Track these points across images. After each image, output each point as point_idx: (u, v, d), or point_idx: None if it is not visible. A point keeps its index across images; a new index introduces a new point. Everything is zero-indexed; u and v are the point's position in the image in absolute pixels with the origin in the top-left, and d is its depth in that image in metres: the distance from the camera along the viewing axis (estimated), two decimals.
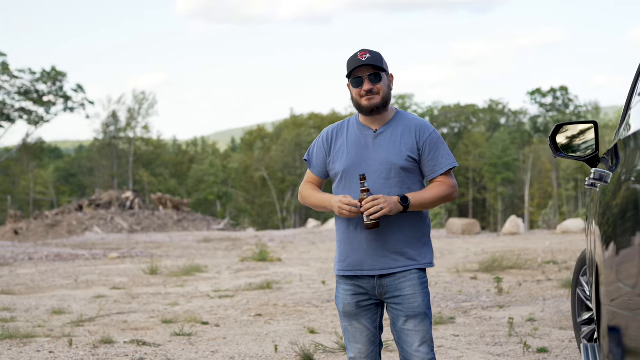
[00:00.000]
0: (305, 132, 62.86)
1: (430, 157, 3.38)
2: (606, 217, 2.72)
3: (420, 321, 3.35)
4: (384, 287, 3.38)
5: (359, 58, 3.34)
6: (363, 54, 3.35)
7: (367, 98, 3.35)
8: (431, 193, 3.34)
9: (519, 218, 23.49)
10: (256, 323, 7.42)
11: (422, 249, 3.42)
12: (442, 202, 3.36)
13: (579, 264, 5.05)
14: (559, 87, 72.29)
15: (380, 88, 3.36)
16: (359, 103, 3.38)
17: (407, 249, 3.38)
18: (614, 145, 3.29)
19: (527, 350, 5.75)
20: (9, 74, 49.78)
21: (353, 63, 3.35)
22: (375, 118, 3.42)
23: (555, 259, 12.87)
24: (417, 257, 3.39)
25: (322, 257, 14.99)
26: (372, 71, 3.34)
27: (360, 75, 3.35)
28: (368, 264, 3.38)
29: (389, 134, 3.39)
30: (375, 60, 3.34)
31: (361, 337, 3.46)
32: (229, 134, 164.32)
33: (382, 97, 3.36)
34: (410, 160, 3.36)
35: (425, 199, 3.31)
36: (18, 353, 6.01)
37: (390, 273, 3.37)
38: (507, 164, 65.29)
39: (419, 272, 3.39)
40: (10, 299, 9.39)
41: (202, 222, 31.90)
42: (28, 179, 60.00)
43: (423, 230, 3.44)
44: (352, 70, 3.35)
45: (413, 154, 3.36)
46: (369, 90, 3.34)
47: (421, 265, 3.40)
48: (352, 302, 3.43)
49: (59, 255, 16.16)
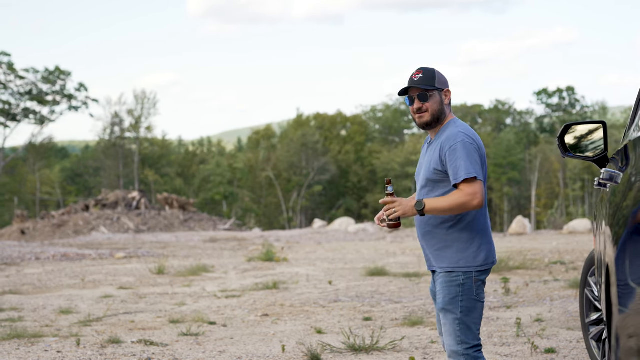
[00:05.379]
0: (311, 132, 62.81)
1: (449, 168, 3.55)
2: (617, 218, 2.71)
3: (443, 315, 3.64)
4: (435, 282, 3.74)
5: (412, 78, 3.65)
6: (417, 73, 3.65)
7: (418, 116, 3.67)
8: (446, 200, 3.50)
9: (525, 218, 23.44)
10: (263, 323, 7.42)
11: (445, 252, 3.64)
12: (459, 209, 3.48)
13: (587, 264, 5.04)
14: (566, 87, 72.12)
15: (429, 107, 3.62)
16: (414, 119, 3.72)
17: (440, 252, 3.66)
18: (623, 146, 3.28)
19: (535, 350, 5.74)
20: (15, 74, 49.89)
21: (407, 83, 3.67)
22: (431, 130, 3.73)
23: (563, 259, 12.84)
24: (443, 261, 3.65)
25: (328, 257, 14.99)
26: (421, 91, 3.62)
27: (412, 94, 3.65)
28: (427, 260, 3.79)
29: (433, 145, 3.68)
30: (425, 80, 3.62)
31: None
32: (236, 134, 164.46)
33: (431, 115, 3.64)
34: (437, 172, 3.60)
35: (439, 205, 3.49)
36: (26, 352, 6.02)
37: (432, 270, 3.74)
38: (513, 164, 65.15)
39: (447, 273, 3.63)
40: (17, 299, 9.41)
41: (209, 222, 31.91)
42: (34, 179, 60.12)
43: (453, 235, 3.63)
44: (406, 89, 3.66)
45: (438, 167, 3.60)
46: (418, 109, 3.64)
47: (440, 268, 3.66)
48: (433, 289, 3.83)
49: (66, 255, 16.19)
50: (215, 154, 73.21)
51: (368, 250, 16.73)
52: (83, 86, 52.33)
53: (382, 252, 16.02)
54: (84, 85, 52.34)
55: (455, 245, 3.61)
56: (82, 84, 52.30)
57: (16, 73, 50.03)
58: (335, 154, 63.14)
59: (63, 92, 51.80)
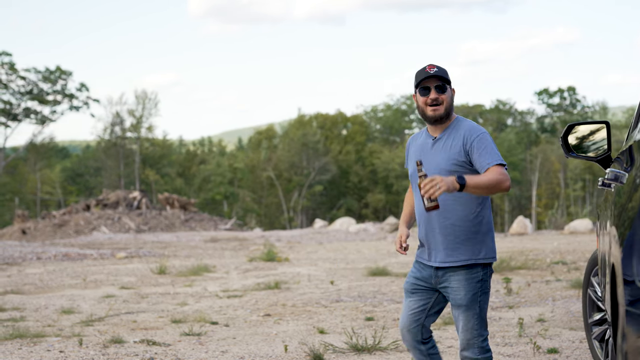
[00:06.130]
0: (312, 132, 62.79)
1: (478, 155, 3.59)
2: (622, 219, 2.71)
3: (462, 312, 3.71)
4: (439, 278, 3.75)
5: (428, 70, 3.67)
6: (431, 67, 3.68)
7: (432, 109, 3.67)
8: (486, 176, 3.49)
9: (526, 218, 23.44)
10: (265, 323, 7.43)
11: (467, 245, 3.68)
12: (496, 188, 3.48)
13: (590, 264, 5.04)
14: (567, 87, 72.12)
15: (444, 99, 3.68)
16: (425, 112, 3.71)
17: (461, 244, 3.69)
18: (628, 146, 3.28)
19: (537, 350, 5.74)
20: (16, 73, 49.89)
21: (422, 74, 3.68)
22: (438, 126, 3.74)
23: (564, 259, 12.84)
24: (461, 255, 3.69)
25: (330, 257, 14.99)
26: (439, 82, 3.66)
27: (428, 85, 3.67)
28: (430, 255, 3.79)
29: (444, 140, 3.70)
30: (442, 72, 3.66)
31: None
32: (236, 134, 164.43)
33: (445, 108, 3.68)
34: (459, 163, 3.64)
35: (480, 181, 3.44)
36: (28, 352, 6.03)
37: (442, 267, 3.74)
38: (514, 164, 65.14)
39: (467, 268, 3.68)
40: (19, 299, 9.42)
41: (209, 222, 31.92)
42: (35, 179, 60.12)
43: (475, 228, 3.69)
44: (420, 80, 3.67)
45: (461, 158, 3.63)
46: (434, 100, 3.66)
47: (460, 262, 3.68)
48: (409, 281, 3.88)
49: (67, 254, 16.20)
50: (215, 154, 73.19)
51: (369, 250, 16.73)
52: (84, 86, 52.34)
53: (384, 252, 16.02)
54: (85, 85, 52.36)
55: (476, 237, 3.68)
56: (83, 84, 52.31)
57: (17, 73, 50.05)
58: (336, 154, 63.14)
59: (64, 91, 51.81)
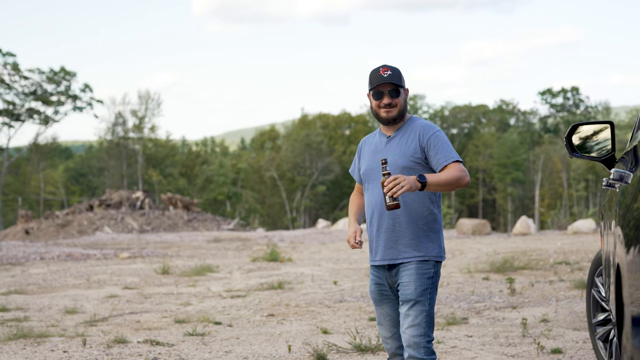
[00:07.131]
0: (315, 132, 62.77)
1: (435, 153, 3.70)
2: (627, 219, 2.71)
3: (411, 307, 3.70)
4: (393, 277, 3.81)
5: (381, 74, 3.75)
6: (385, 70, 3.77)
7: (385, 111, 3.78)
8: (446, 174, 3.61)
9: (529, 219, 23.41)
10: (269, 323, 7.42)
11: (422, 242, 3.75)
12: (456, 185, 3.60)
13: (594, 264, 5.03)
14: (570, 88, 72.05)
15: (398, 102, 3.79)
16: (378, 114, 3.82)
17: (415, 241, 3.74)
18: (633, 146, 3.28)
19: (541, 350, 5.74)
20: (20, 74, 49.94)
21: (376, 79, 3.76)
22: (391, 126, 3.85)
23: (567, 259, 12.81)
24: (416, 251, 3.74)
25: (333, 258, 14.98)
26: (392, 87, 3.76)
27: (382, 89, 3.76)
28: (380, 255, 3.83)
29: (398, 138, 3.81)
30: (395, 77, 3.75)
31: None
32: (239, 134, 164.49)
33: (398, 110, 3.79)
34: (415, 160, 3.73)
35: (441, 178, 3.57)
36: (32, 352, 6.03)
37: (394, 264, 3.78)
38: (517, 164, 65.10)
39: (420, 263, 3.73)
40: (23, 299, 9.43)
41: (212, 222, 31.93)
42: (38, 179, 60.19)
43: (429, 226, 3.76)
44: (375, 85, 3.75)
45: (417, 154, 3.74)
46: (388, 104, 3.76)
47: (414, 258, 3.73)
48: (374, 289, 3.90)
49: (70, 254, 16.21)
50: (218, 154, 73.19)
51: None
52: (88, 87, 52.39)
53: None
54: (89, 86, 52.40)
55: (430, 235, 3.77)
56: (87, 85, 52.36)
57: (21, 73, 50.11)
58: (339, 154, 63.13)
59: (68, 92, 51.86)
